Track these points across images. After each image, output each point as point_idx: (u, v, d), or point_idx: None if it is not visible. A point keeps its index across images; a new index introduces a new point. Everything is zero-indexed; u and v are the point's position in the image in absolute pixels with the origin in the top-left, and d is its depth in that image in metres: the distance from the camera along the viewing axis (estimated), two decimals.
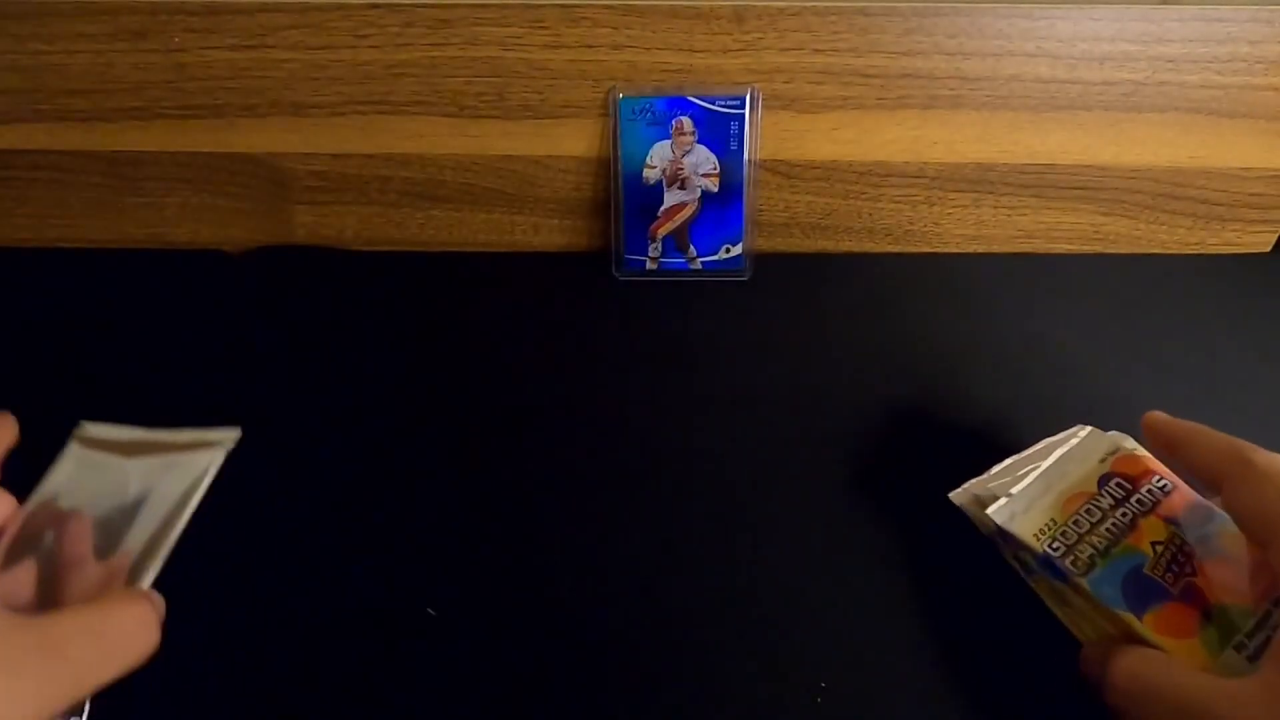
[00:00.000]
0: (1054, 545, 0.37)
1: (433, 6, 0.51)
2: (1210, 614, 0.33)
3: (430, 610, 0.40)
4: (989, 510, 0.38)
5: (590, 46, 0.53)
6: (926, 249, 0.61)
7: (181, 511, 0.37)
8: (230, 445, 0.40)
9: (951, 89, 0.54)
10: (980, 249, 0.61)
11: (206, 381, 0.50)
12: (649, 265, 0.58)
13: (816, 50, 0.53)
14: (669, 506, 0.44)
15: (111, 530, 0.36)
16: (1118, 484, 0.39)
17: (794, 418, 0.49)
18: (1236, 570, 0.34)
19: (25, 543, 0.35)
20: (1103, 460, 0.40)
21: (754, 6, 0.51)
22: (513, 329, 0.55)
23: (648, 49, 0.53)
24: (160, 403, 0.46)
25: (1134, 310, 0.57)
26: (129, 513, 0.37)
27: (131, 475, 0.38)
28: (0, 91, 0.54)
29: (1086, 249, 0.62)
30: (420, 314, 0.56)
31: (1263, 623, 0.33)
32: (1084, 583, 0.35)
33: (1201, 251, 0.62)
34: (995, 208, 0.59)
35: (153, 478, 0.38)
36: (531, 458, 0.47)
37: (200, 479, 0.38)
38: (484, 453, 0.47)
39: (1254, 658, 0.32)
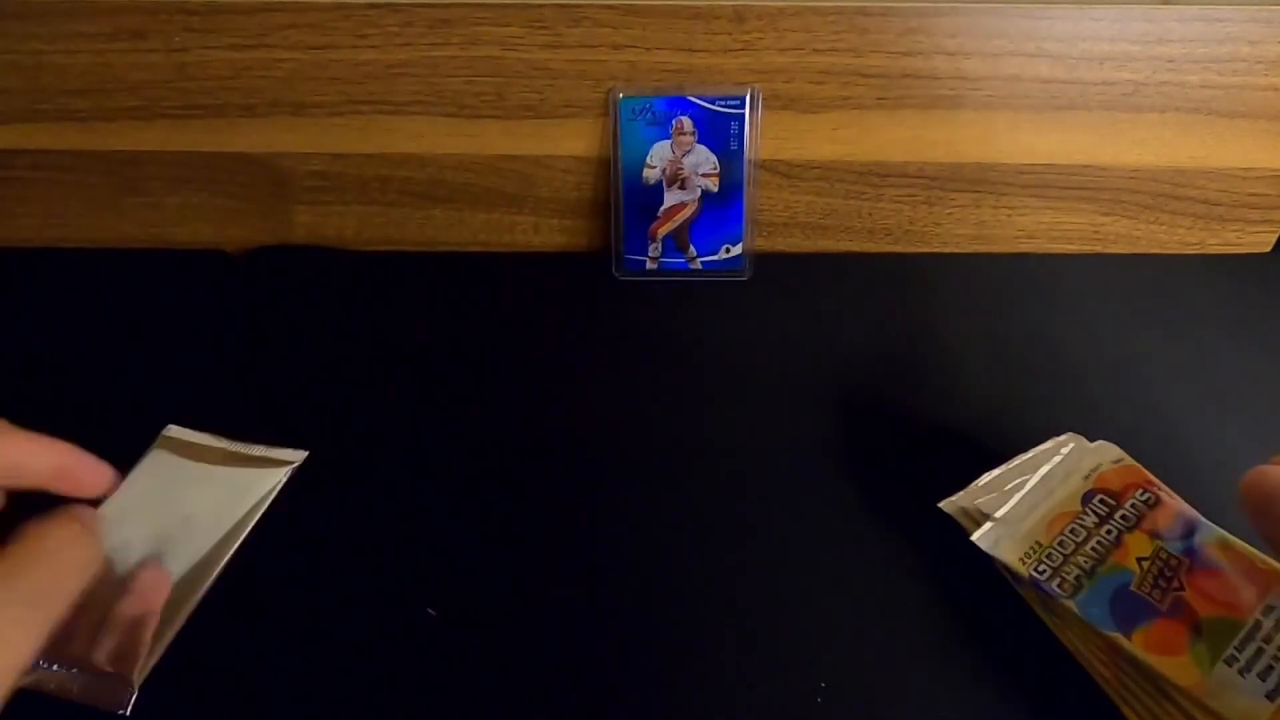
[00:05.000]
0: (1040, 569, 0.37)
1: (433, 6, 0.51)
2: (1199, 629, 0.33)
3: (430, 610, 0.40)
4: (974, 537, 0.39)
5: (590, 46, 0.53)
6: (926, 249, 0.61)
7: (238, 533, 0.38)
8: (297, 464, 0.41)
9: (951, 89, 0.54)
10: (980, 249, 0.61)
11: (206, 381, 0.50)
12: (649, 265, 0.58)
13: (816, 50, 0.53)
14: (668, 506, 0.44)
15: (165, 539, 0.37)
16: (1101, 501, 0.39)
17: (794, 418, 0.49)
18: (1224, 581, 0.34)
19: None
20: (1086, 477, 0.40)
21: (754, 6, 0.51)
22: (513, 329, 0.55)
23: (648, 49, 0.53)
24: (160, 403, 0.46)
25: (1134, 310, 0.57)
26: (185, 527, 0.38)
27: (195, 483, 0.40)
28: (0, 91, 0.54)
29: (1086, 249, 0.62)
30: (420, 314, 0.56)
31: (1251, 634, 0.32)
32: (1071, 605, 0.35)
33: (1201, 251, 0.62)
34: (995, 208, 0.59)
35: (212, 495, 0.39)
36: (531, 457, 0.47)
37: (262, 499, 0.39)
38: (483, 452, 0.47)
39: (1245, 671, 0.31)
